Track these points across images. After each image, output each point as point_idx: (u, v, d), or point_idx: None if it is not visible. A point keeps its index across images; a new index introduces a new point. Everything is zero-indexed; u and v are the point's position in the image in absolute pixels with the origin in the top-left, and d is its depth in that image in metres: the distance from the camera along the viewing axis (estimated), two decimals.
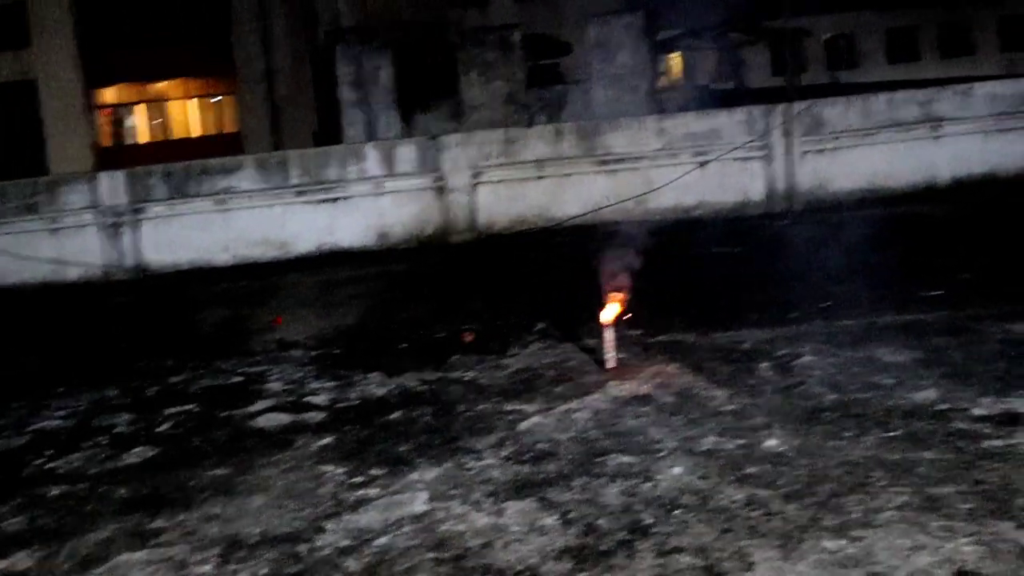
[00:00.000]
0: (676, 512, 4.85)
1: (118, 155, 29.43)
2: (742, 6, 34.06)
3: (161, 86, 37.54)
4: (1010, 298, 8.28)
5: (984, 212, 12.63)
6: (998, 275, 9.27)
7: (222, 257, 13.54)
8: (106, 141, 35.30)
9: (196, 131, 37.97)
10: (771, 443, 5.62)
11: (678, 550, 4.48)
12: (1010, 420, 5.63)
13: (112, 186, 13.53)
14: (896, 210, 13.32)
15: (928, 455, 5.25)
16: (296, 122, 28.71)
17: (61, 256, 13.38)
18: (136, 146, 36.89)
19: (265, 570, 4.70)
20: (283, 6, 28.60)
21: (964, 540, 4.32)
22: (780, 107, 13.85)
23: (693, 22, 34.66)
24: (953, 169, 13.99)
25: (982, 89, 14.27)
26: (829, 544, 4.41)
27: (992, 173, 13.97)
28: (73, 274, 13.41)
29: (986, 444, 5.32)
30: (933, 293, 8.70)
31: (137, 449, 6.65)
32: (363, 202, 13.72)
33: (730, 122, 13.96)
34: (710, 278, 10.46)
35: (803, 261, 10.88)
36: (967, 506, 4.63)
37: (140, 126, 37.75)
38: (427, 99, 20.33)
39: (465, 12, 30.73)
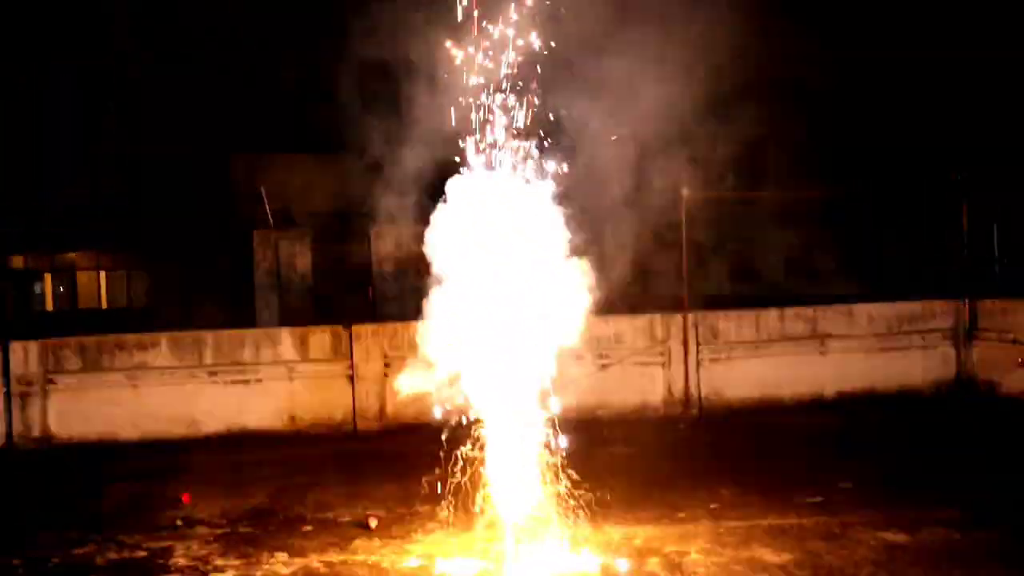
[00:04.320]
0: None
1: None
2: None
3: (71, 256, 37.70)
4: (883, 506, 8.91)
5: (865, 425, 13.42)
6: (875, 485, 9.91)
7: (130, 432, 13.59)
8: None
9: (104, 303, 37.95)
10: None
11: None
12: None
13: (23, 356, 13.63)
14: (785, 419, 14.06)
15: None
16: (208, 301, 28.93)
17: None
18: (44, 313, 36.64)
19: None
20: (196, 186, 29.09)
21: None
22: (678, 316, 14.69)
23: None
24: (838, 383, 14.89)
25: (862, 309, 15.37)
26: None
27: (872, 388, 14.90)
28: None
29: None
30: (813, 500, 9.29)
31: None
32: (275, 385, 14.01)
33: (631, 328, 14.73)
34: (609, 475, 10.87)
35: (696, 464, 11.47)
36: None
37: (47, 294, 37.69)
38: (342, 288, 20.87)
39: (379, 203, 31.58)
